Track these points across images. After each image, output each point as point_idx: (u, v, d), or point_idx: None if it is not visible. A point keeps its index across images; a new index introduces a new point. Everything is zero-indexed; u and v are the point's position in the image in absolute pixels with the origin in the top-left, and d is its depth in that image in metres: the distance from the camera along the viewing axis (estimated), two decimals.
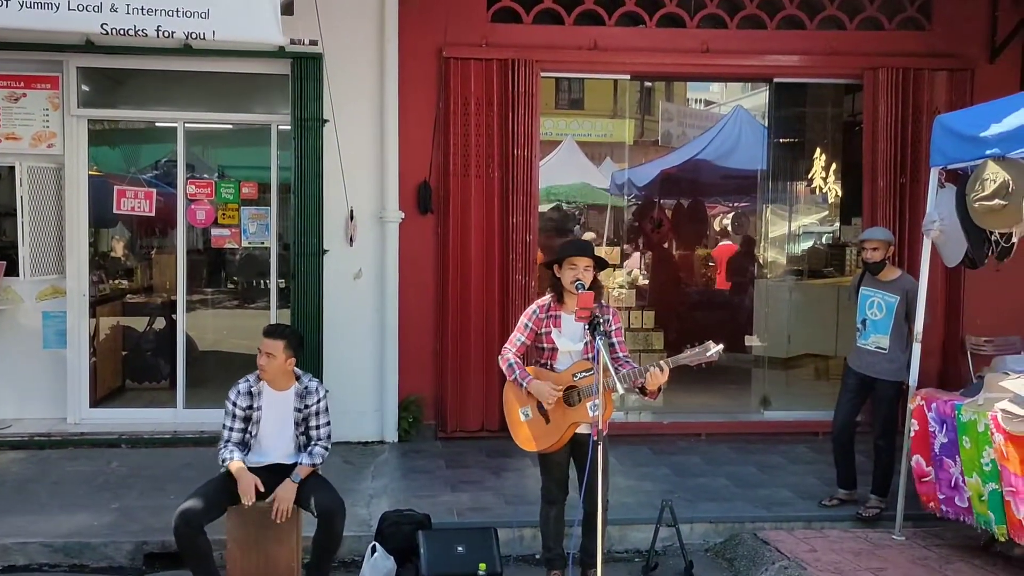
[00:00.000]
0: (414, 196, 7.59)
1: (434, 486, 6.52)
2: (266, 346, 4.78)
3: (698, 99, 22.15)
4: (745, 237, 11.72)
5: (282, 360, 4.79)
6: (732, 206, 13.55)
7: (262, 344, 4.80)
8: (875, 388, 6.11)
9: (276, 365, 4.79)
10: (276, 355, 4.77)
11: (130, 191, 7.61)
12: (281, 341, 4.80)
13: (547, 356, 4.98)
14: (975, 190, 5.13)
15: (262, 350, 4.79)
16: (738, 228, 13.01)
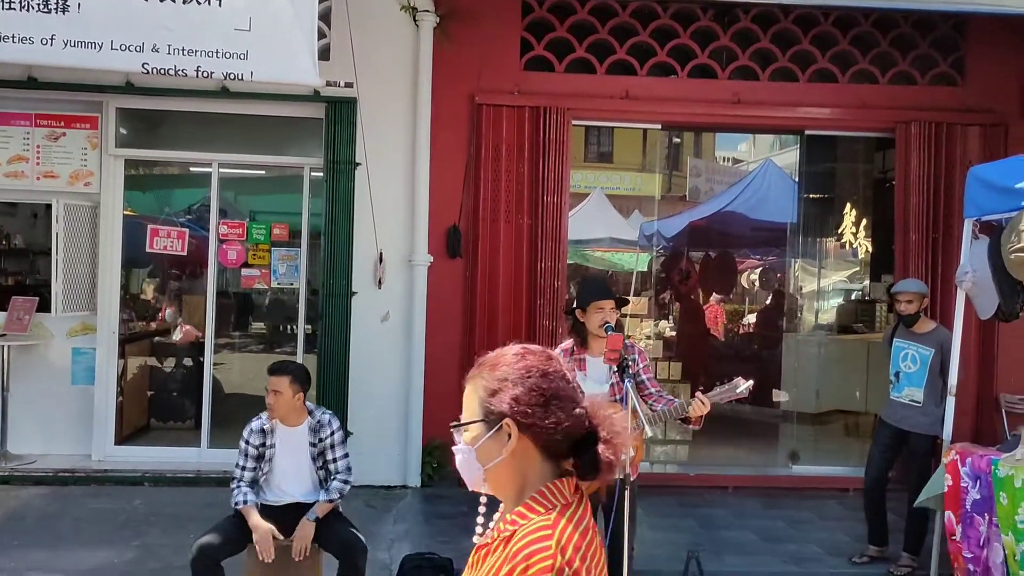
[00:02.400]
0: (443, 240, 7.62)
1: (456, 532, 6.43)
2: (272, 383, 4.75)
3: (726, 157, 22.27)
4: (775, 291, 11.67)
5: (289, 396, 4.76)
6: (761, 259, 13.52)
7: (268, 382, 4.77)
8: (909, 442, 5.99)
9: (284, 402, 4.76)
10: (283, 391, 4.74)
11: (163, 230, 7.71)
12: (286, 377, 4.77)
13: None
14: (1011, 241, 5.07)
15: (269, 388, 4.76)
16: (766, 284, 12.97)
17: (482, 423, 1.76)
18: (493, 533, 1.77)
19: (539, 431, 1.72)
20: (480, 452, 1.76)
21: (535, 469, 1.75)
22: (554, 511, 1.70)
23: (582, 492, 1.78)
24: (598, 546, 1.73)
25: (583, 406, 1.77)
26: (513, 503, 1.74)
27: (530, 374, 1.74)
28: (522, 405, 1.72)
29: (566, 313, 5.22)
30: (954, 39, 8.03)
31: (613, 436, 1.76)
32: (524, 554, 1.62)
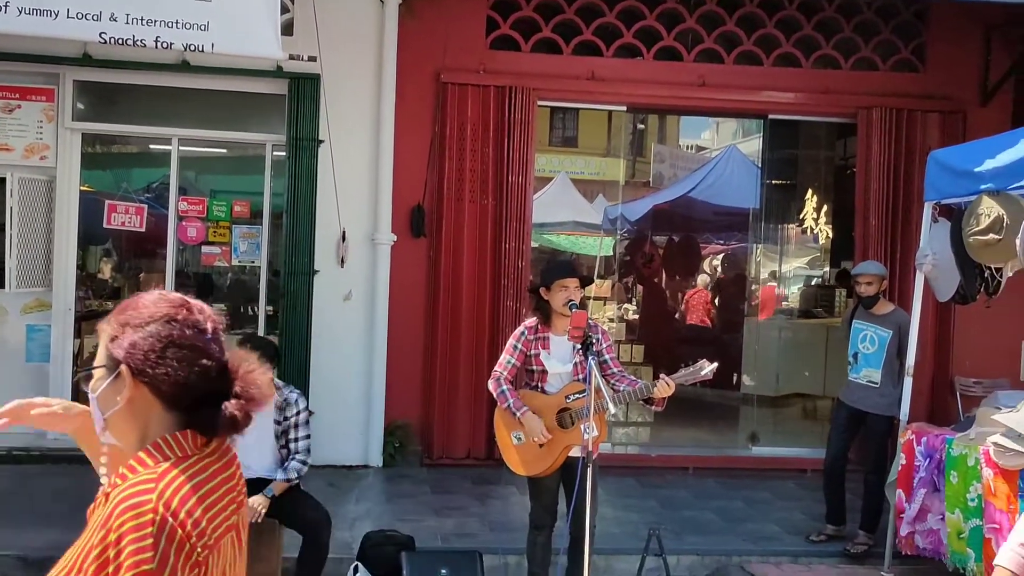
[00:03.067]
0: (407, 219, 7.57)
1: (418, 511, 6.43)
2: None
3: (690, 145, 22.37)
4: (736, 275, 11.75)
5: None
6: (724, 245, 13.60)
7: None
8: (866, 422, 6.07)
9: None
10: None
11: (121, 206, 7.57)
12: (254, 353, 4.69)
13: (537, 379, 4.93)
14: (970, 224, 5.14)
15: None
16: (727, 269, 13.06)
17: (103, 369, 1.69)
18: (105, 487, 1.69)
19: (155, 380, 1.64)
20: (101, 399, 1.69)
21: (156, 420, 1.67)
22: (166, 463, 1.62)
23: (221, 444, 1.73)
24: (229, 501, 1.68)
25: (217, 359, 1.71)
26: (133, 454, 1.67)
27: (152, 319, 1.67)
28: (137, 351, 1.64)
29: (530, 292, 5.20)
30: (916, 26, 8.12)
31: (247, 394, 1.71)
32: (121, 508, 1.53)
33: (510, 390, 4.88)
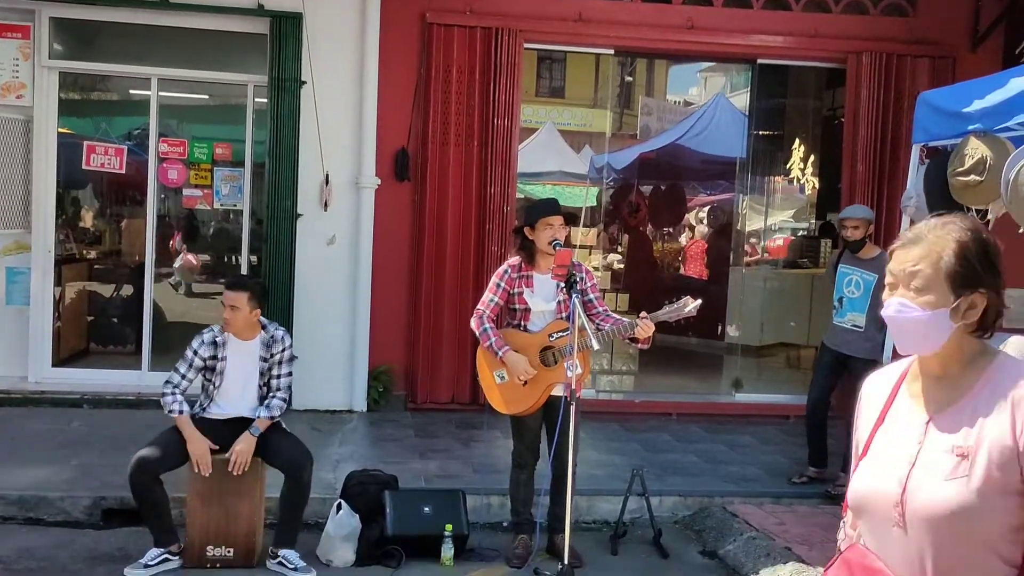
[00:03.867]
0: (391, 163, 7.48)
1: (402, 453, 6.44)
2: (229, 299, 4.66)
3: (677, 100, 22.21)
4: (722, 226, 11.72)
5: (247, 312, 4.69)
6: (710, 195, 13.55)
7: (225, 297, 4.68)
8: (849, 367, 6.08)
9: (241, 318, 4.68)
10: (240, 307, 4.66)
11: (100, 147, 7.46)
12: (244, 293, 4.69)
13: (520, 317, 4.92)
14: (954, 165, 5.11)
15: (225, 303, 4.67)
16: (714, 221, 13.01)
17: None
18: None
19: None
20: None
21: None
22: None
23: None
24: None
25: None
26: None
27: None
28: None
29: (514, 232, 5.16)
30: None
31: None
32: None
33: (492, 329, 4.87)
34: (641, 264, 11.09)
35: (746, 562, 4.99)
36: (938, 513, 1.74)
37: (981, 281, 1.79)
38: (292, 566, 4.62)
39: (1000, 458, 1.72)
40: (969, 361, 1.83)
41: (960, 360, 1.83)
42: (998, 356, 1.82)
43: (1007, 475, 1.72)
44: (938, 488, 1.75)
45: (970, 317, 1.79)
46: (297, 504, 4.72)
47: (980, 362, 1.82)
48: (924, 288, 1.81)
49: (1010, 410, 1.73)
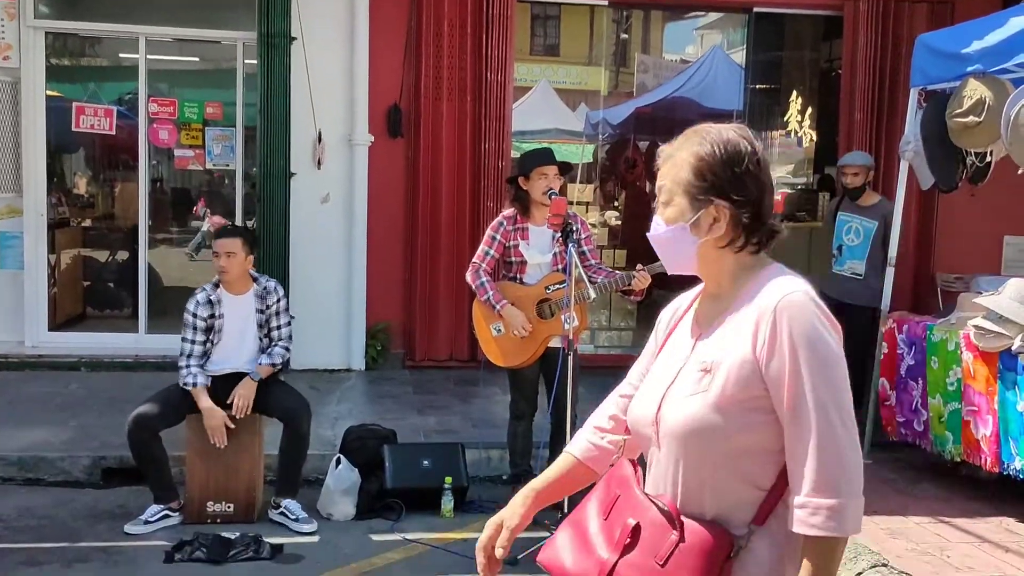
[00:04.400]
0: (384, 119, 7.39)
1: (401, 410, 6.43)
2: (224, 246, 4.63)
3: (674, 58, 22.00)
4: None
5: (243, 258, 4.66)
6: None
7: (219, 245, 4.64)
8: (849, 314, 6.06)
9: (238, 264, 4.66)
10: (236, 252, 4.63)
11: (89, 108, 7.37)
12: (238, 239, 4.67)
13: (516, 270, 4.89)
14: (953, 107, 5.05)
15: (220, 251, 4.63)
16: None
17: None
18: None
19: None
20: None
21: None
22: None
23: None
24: None
25: None
26: None
27: None
28: None
29: (508, 182, 5.10)
30: None
31: None
32: None
33: (489, 282, 4.83)
34: (639, 220, 11.02)
35: None
36: (678, 429, 1.66)
37: (722, 192, 1.69)
38: (294, 516, 4.63)
39: (739, 372, 1.62)
40: (736, 277, 1.73)
41: (729, 277, 1.74)
42: (764, 270, 1.71)
43: (747, 390, 1.62)
44: (681, 404, 1.67)
45: (716, 231, 1.70)
46: (297, 454, 4.72)
47: (745, 277, 1.71)
48: (667, 203, 1.75)
49: (755, 322, 1.63)
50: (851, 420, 1.60)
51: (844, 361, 1.61)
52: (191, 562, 4.20)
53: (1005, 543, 4.41)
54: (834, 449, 1.56)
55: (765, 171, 1.74)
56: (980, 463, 4.82)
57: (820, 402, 1.57)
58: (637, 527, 1.67)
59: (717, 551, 1.59)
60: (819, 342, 1.59)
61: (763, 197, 1.72)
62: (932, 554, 4.24)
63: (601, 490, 1.81)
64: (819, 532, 1.55)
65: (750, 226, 1.71)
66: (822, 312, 1.63)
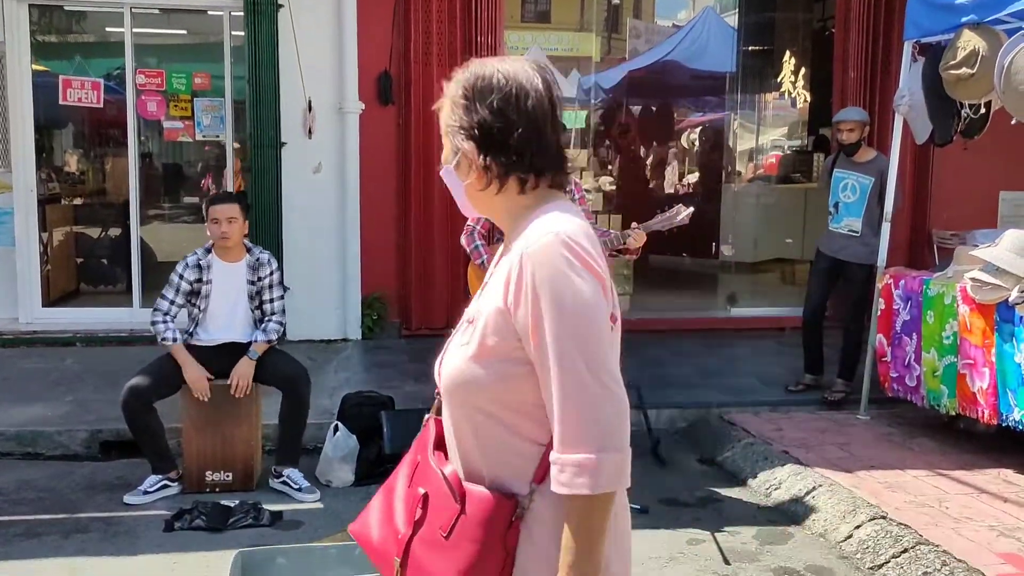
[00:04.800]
0: (374, 86, 7.32)
1: (398, 378, 6.42)
2: (225, 212, 4.59)
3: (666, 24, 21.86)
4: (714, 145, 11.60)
5: (241, 223, 4.65)
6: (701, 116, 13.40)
7: (218, 212, 4.59)
8: (846, 272, 6.05)
9: (238, 229, 4.64)
10: (237, 217, 4.61)
11: (76, 81, 7.27)
12: (236, 204, 4.65)
13: None
14: (947, 59, 5.01)
15: (220, 217, 4.58)
16: (704, 143, 12.89)
17: None
18: None
19: None
20: None
21: None
22: None
23: None
24: None
25: None
26: None
27: None
28: None
29: None
30: None
31: None
32: None
33: (484, 245, 4.81)
34: (633, 184, 11.00)
35: (744, 467, 5.01)
36: (446, 383, 1.59)
37: (471, 131, 1.58)
38: (296, 486, 4.62)
39: (495, 323, 1.52)
40: (514, 219, 1.61)
41: (507, 219, 1.63)
42: (538, 210, 1.57)
43: (503, 341, 1.51)
44: (450, 357, 1.60)
45: (472, 173, 1.60)
46: (297, 421, 4.70)
47: (521, 219, 1.59)
48: (444, 145, 1.67)
49: (508, 269, 1.53)
50: (605, 370, 1.46)
51: (598, 308, 1.47)
52: (191, 530, 4.20)
53: (1004, 493, 4.43)
54: (582, 401, 1.44)
55: (530, 104, 1.57)
56: (976, 416, 4.82)
57: (564, 352, 1.45)
58: (426, 496, 1.60)
59: (498, 518, 1.51)
60: (564, 288, 1.46)
61: (523, 133, 1.57)
62: (930, 506, 4.25)
63: (411, 453, 1.72)
64: (568, 490, 1.44)
65: (510, 165, 1.58)
66: (576, 256, 1.48)
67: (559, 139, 1.63)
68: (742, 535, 4.21)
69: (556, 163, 1.61)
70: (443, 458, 1.63)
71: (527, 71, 1.59)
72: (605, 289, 1.51)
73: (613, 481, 1.44)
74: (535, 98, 1.58)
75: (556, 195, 1.63)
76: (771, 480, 4.77)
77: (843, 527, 4.12)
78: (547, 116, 1.59)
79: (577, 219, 1.55)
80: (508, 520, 1.51)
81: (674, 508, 4.57)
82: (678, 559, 3.95)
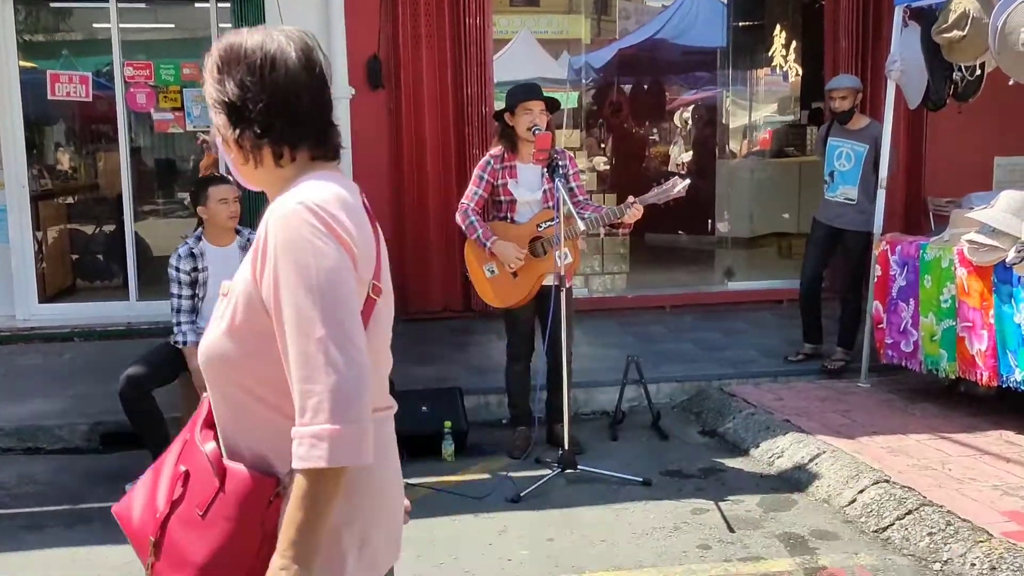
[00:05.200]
0: (364, 71, 7.28)
1: (397, 362, 6.15)
2: (231, 192, 4.59)
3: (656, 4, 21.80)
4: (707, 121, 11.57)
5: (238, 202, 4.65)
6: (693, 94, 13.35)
7: (224, 192, 4.56)
8: (843, 240, 6.03)
9: (239, 207, 4.63)
10: (238, 194, 4.61)
11: (64, 75, 7.23)
12: (232, 184, 4.64)
13: (506, 209, 4.84)
14: (940, 22, 4.99)
15: (228, 197, 4.57)
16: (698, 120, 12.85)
17: None
18: None
19: None
20: None
21: None
22: None
23: None
24: None
25: None
26: None
27: None
28: None
29: (495, 117, 5.02)
30: None
31: None
32: None
33: (478, 220, 4.79)
34: (627, 163, 10.97)
35: (746, 436, 5.01)
36: (202, 359, 1.55)
37: (221, 103, 1.52)
38: None
39: (245, 295, 1.48)
40: (278, 194, 1.53)
41: (275, 193, 1.55)
42: (297, 181, 1.52)
43: (253, 314, 1.46)
44: (208, 331, 1.56)
45: (232, 146, 1.55)
46: None
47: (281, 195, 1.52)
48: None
49: (256, 243, 1.48)
50: (347, 339, 1.39)
51: (342, 276, 1.41)
52: None
53: (1006, 454, 4.43)
54: (320, 370, 1.37)
55: (278, 75, 1.52)
56: (976, 379, 4.83)
57: (303, 319, 1.38)
58: (187, 474, 1.54)
59: (256, 497, 1.45)
60: (305, 254, 1.40)
61: (268, 104, 1.51)
62: (934, 468, 4.25)
63: (184, 430, 1.66)
64: (304, 464, 1.35)
65: (258, 137, 1.53)
66: (322, 222, 1.43)
67: (321, 109, 1.57)
68: (746, 503, 4.21)
69: (314, 134, 1.56)
70: (210, 435, 1.56)
71: (278, 40, 1.53)
72: (355, 257, 1.46)
73: (351, 455, 1.36)
74: (285, 68, 1.52)
75: (320, 166, 1.58)
76: (773, 449, 4.77)
77: (847, 492, 4.12)
78: (300, 87, 1.53)
79: (335, 187, 1.50)
80: (267, 499, 1.45)
81: (677, 479, 4.57)
82: (682, 528, 3.95)
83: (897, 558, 3.59)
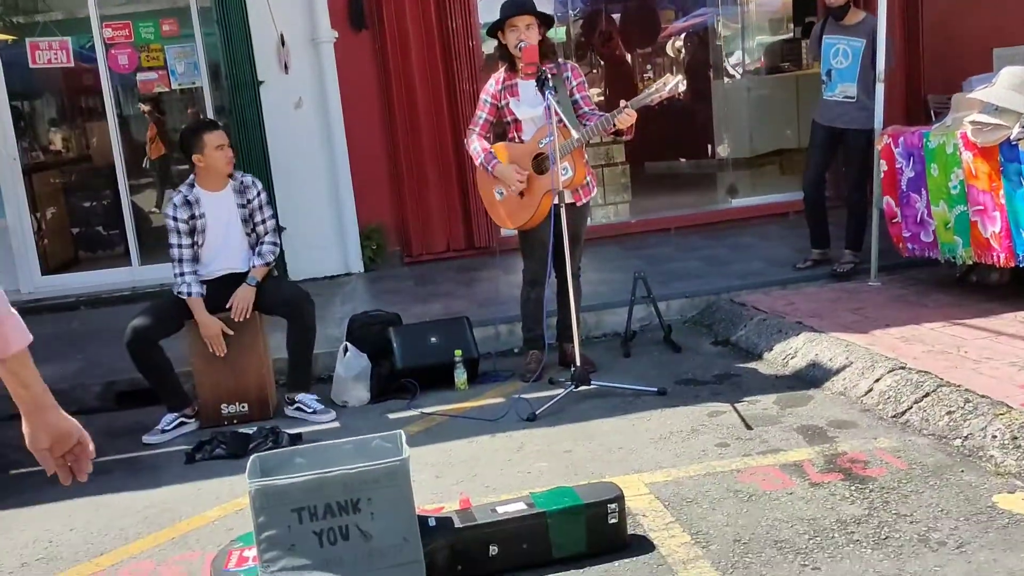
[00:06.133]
0: (346, 12, 7.16)
1: (405, 302, 6.36)
2: (224, 137, 4.59)
3: None
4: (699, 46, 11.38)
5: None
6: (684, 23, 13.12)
7: (219, 137, 4.53)
8: (845, 139, 5.92)
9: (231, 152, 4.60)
10: (229, 140, 4.58)
11: (43, 43, 7.15)
12: (222, 129, 4.58)
13: (513, 129, 4.78)
14: None
15: (224, 143, 4.53)
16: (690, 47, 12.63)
17: None
18: None
19: None
20: None
21: None
22: None
23: None
24: None
25: None
26: None
27: None
28: None
29: (489, 34, 4.90)
30: None
31: None
32: None
33: (481, 145, 4.73)
34: (621, 92, 10.78)
35: (759, 341, 4.97)
36: None
37: None
38: (311, 409, 4.61)
39: None
40: None
41: None
42: None
43: None
44: None
45: None
46: (305, 346, 4.68)
47: None
48: None
49: None
50: None
51: None
52: (212, 460, 4.20)
53: (1022, 333, 4.38)
54: None
55: None
56: (993, 261, 4.76)
57: None
58: None
59: None
60: None
61: None
62: (949, 352, 4.20)
63: None
64: None
65: None
66: None
67: None
68: (762, 403, 4.18)
69: None
70: None
71: None
72: None
73: None
74: None
75: None
76: (787, 350, 4.73)
77: (863, 382, 4.08)
78: None
79: None
80: None
81: (692, 387, 4.54)
82: (700, 430, 3.92)
83: (917, 439, 3.56)
